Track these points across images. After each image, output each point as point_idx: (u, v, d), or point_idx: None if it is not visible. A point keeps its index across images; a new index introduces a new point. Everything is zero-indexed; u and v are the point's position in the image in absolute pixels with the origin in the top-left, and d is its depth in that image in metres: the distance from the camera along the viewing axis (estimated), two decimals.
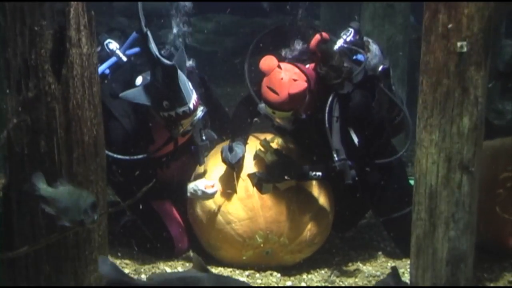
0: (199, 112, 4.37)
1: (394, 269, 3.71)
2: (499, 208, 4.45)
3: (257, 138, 4.65)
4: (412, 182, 3.97)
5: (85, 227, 3.37)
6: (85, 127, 3.42)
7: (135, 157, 4.42)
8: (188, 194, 4.57)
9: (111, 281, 3.20)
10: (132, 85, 4.40)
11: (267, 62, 4.25)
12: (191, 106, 4.25)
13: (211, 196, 4.50)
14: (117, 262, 4.56)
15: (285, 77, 4.18)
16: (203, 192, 4.49)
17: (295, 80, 4.18)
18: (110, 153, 4.21)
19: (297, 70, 4.25)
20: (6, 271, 3.51)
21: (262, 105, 4.34)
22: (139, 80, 4.41)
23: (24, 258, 3.44)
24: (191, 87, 4.28)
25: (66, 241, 3.45)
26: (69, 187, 3.21)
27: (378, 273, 4.52)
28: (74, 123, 3.38)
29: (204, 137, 4.66)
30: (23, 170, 3.38)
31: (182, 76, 4.21)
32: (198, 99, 4.34)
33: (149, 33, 4.07)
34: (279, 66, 4.23)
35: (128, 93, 4.28)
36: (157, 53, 4.11)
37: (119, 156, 4.35)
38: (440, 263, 3.75)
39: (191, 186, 4.56)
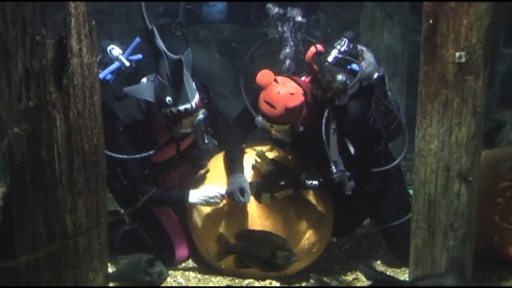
0: (200, 114, 4.40)
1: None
2: (498, 217, 4.46)
3: (255, 150, 4.66)
4: (411, 192, 3.98)
5: (158, 282, 3.79)
6: (85, 136, 3.43)
7: (136, 156, 4.44)
8: (196, 201, 4.56)
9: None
10: None
11: (264, 76, 4.25)
12: (193, 104, 4.28)
13: (218, 203, 4.53)
14: None
15: (282, 91, 4.19)
16: (215, 198, 4.50)
17: (292, 93, 4.18)
18: (111, 153, 4.24)
19: (293, 83, 4.26)
20: (6, 279, 3.52)
21: (259, 118, 4.34)
22: (143, 81, 4.45)
23: (24, 266, 3.45)
24: (194, 87, 4.32)
25: (66, 250, 3.46)
26: (123, 261, 3.44)
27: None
28: (75, 132, 3.39)
29: (206, 141, 4.68)
30: (23, 179, 3.39)
31: (186, 75, 4.25)
32: (200, 101, 4.37)
33: (154, 28, 4.11)
34: (275, 80, 4.23)
35: (133, 88, 4.34)
36: (164, 48, 4.15)
37: (119, 156, 4.38)
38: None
39: (201, 193, 4.56)
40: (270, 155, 4.57)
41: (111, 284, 3.87)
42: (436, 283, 3.60)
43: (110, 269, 4.32)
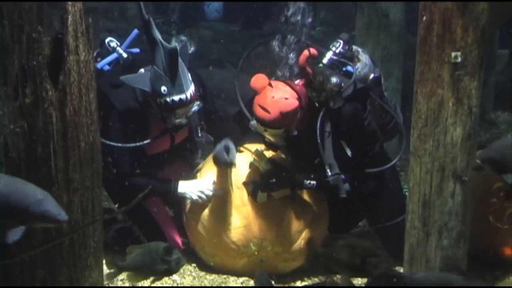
0: (195, 106, 4.41)
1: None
2: (492, 217, 4.47)
3: (252, 149, 4.67)
4: (406, 193, 3.99)
5: (176, 269, 3.74)
6: (81, 134, 3.43)
7: (130, 145, 4.46)
8: (185, 191, 4.57)
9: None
10: None
11: (258, 80, 4.26)
12: (188, 95, 4.29)
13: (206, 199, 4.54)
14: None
15: (276, 95, 4.19)
16: (205, 192, 4.53)
17: (286, 98, 4.18)
18: (105, 141, 4.25)
19: (288, 88, 4.26)
20: (1, 277, 3.51)
21: (253, 122, 4.34)
22: (141, 71, 4.46)
23: (19, 264, 3.45)
24: (190, 78, 4.34)
25: (62, 247, 3.46)
26: (138, 250, 3.45)
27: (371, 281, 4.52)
28: (71, 129, 3.39)
29: (200, 134, 4.70)
30: (19, 176, 3.38)
31: (182, 66, 4.28)
32: (195, 93, 4.38)
33: (151, 19, 4.13)
34: (270, 84, 4.24)
35: (129, 77, 4.36)
36: (160, 37, 4.17)
37: (114, 144, 4.40)
38: (433, 271, 3.77)
39: (192, 186, 4.58)
40: (268, 154, 4.58)
41: (124, 274, 3.84)
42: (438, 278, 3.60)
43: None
